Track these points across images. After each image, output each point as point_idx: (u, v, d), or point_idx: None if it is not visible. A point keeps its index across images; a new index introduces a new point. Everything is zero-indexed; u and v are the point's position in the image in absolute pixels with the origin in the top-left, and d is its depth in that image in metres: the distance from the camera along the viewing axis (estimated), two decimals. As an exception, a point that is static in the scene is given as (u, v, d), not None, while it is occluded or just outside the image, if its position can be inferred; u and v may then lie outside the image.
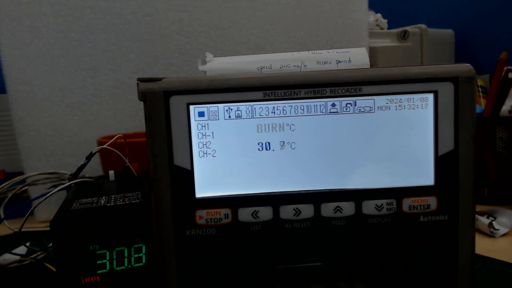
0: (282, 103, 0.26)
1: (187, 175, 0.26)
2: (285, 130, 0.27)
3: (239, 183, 0.27)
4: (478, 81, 0.75)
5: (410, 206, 0.27)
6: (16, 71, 0.57)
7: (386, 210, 0.27)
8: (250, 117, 0.27)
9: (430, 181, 0.27)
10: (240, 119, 0.27)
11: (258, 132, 0.27)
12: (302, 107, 0.27)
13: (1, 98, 0.67)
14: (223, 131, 0.27)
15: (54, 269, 0.29)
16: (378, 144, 0.27)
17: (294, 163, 0.27)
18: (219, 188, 0.27)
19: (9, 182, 0.44)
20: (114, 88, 0.61)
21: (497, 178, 0.57)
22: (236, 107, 0.26)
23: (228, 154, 0.27)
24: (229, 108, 0.26)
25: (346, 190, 0.27)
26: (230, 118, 0.27)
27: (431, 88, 0.26)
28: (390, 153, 0.27)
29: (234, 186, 0.27)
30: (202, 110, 0.26)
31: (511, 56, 0.61)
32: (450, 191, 0.27)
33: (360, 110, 0.27)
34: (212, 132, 0.27)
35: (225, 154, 0.27)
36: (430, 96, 0.26)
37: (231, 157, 0.27)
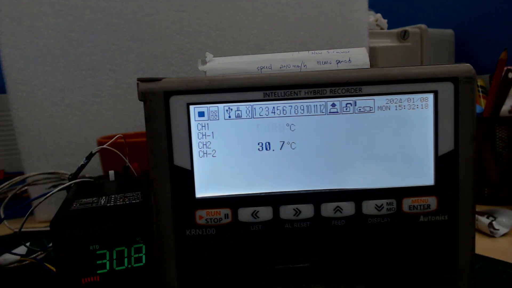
0: (282, 103, 0.26)
1: (187, 175, 0.26)
2: (285, 130, 0.27)
3: (239, 183, 0.27)
4: (478, 81, 0.75)
5: (410, 206, 0.27)
6: (16, 71, 0.57)
7: (386, 210, 0.27)
8: (250, 117, 0.27)
9: (430, 181, 0.27)
10: (240, 119, 0.27)
11: (258, 132, 0.27)
12: (302, 107, 0.26)
13: (1, 98, 0.67)
14: (223, 131, 0.27)
15: (54, 269, 0.29)
16: (378, 144, 0.27)
17: (294, 163, 0.27)
18: (219, 188, 0.27)
19: (9, 182, 0.44)
20: (114, 88, 0.61)
21: (497, 178, 0.57)
22: (236, 107, 0.26)
23: (228, 154, 0.27)
24: (229, 108, 0.26)
25: (346, 190, 0.27)
26: (230, 118, 0.27)
27: (431, 88, 0.26)
28: (390, 153, 0.27)
29: (234, 186, 0.27)
30: (202, 110, 0.26)
31: (511, 56, 0.61)
32: (450, 191, 0.27)
33: (360, 110, 0.27)
34: (212, 132, 0.27)
35: (225, 154, 0.27)
36: (430, 96, 0.26)
37: (231, 157, 0.27)
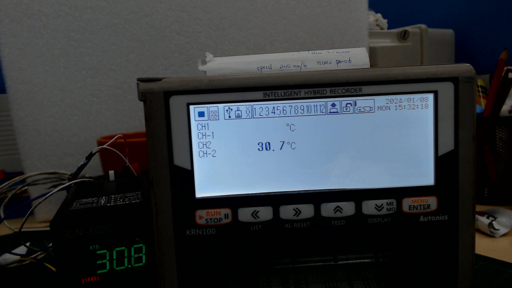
0: (282, 103, 0.26)
1: (187, 175, 0.26)
2: (285, 130, 0.27)
3: (239, 183, 0.27)
4: (478, 81, 0.75)
5: (410, 206, 0.27)
6: (16, 71, 0.57)
7: (386, 210, 0.27)
8: (250, 117, 0.26)
9: (430, 181, 0.27)
10: (240, 119, 0.27)
11: (258, 132, 0.27)
12: (302, 107, 0.26)
13: (1, 98, 0.67)
14: (223, 131, 0.27)
15: (54, 269, 0.29)
16: (378, 144, 0.27)
17: (294, 163, 0.27)
18: (219, 188, 0.27)
19: (9, 182, 0.44)
20: (114, 88, 0.61)
21: (497, 178, 0.57)
22: (236, 107, 0.26)
23: (228, 154, 0.27)
24: (229, 108, 0.26)
25: (346, 190, 0.27)
26: (230, 118, 0.26)
27: (431, 88, 0.26)
28: (390, 153, 0.27)
29: (234, 186, 0.27)
30: (202, 110, 0.26)
31: (511, 56, 0.61)
32: (450, 191, 0.27)
33: (360, 110, 0.27)
34: (212, 132, 0.27)
35: (225, 154, 0.27)
36: (430, 96, 0.26)
37: (231, 157, 0.27)
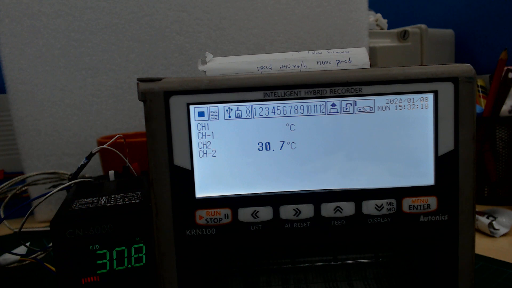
0: (282, 103, 0.26)
1: (187, 175, 0.26)
2: (285, 130, 0.27)
3: (239, 183, 0.27)
4: (478, 81, 0.75)
5: (410, 206, 0.27)
6: (16, 71, 0.57)
7: (386, 210, 0.27)
8: (250, 117, 0.27)
9: (430, 181, 0.27)
10: (240, 119, 0.27)
11: (258, 132, 0.27)
12: (302, 107, 0.26)
13: (1, 98, 0.67)
14: (223, 131, 0.27)
15: (54, 269, 0.29)
16: (378, 144, 0.27)
17: (294, 163, 0.27)
18: (219, 188, 0.27)
19: (9, 182, 0.44)
20: (114, 88, 0.61)
21: (497, 178, 0.57)
22: (236, 107, 0.26)
23: (228, 154, 0.27)
24: (229, 108, 0.26)
25: (346, 190, 0.27)
26: (230, 118, 0.26)
27: (431, 88, 0.26)
28: (390, 153, 0.27)
29: (234, 186, 0.27)
30: (202, 110, 0.26)
31: (511, 56, 0.61)
32: (450, 191, 0.27)
33: (360, 110, 0.27)
34: (212, 132, 0.27)
35: (225, 154, 0.27)
36: (430, 96, 0.26)
37: (231, 157, 0.27)
